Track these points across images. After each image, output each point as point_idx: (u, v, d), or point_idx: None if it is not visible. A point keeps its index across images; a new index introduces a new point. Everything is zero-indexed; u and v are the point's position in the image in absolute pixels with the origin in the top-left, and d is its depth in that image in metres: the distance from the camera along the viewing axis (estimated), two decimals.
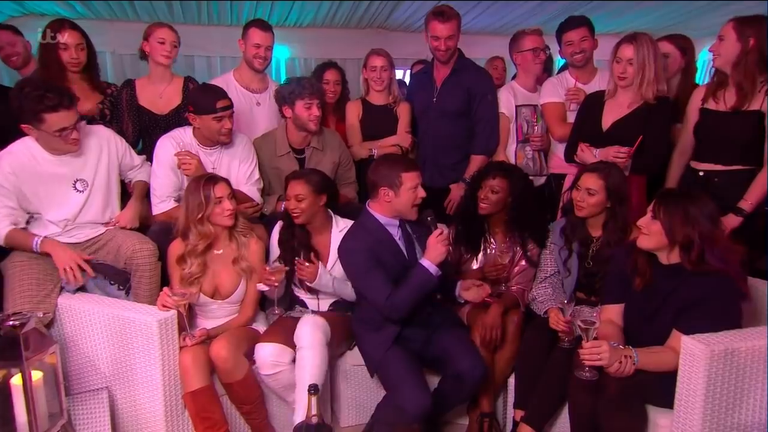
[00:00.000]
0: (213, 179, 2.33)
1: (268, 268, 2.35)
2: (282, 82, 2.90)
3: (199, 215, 2.29)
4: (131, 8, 4.48)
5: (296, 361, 2.23)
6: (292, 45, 4.95)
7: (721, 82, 2.47)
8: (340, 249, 2.37)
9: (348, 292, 2.47)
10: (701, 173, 2.50)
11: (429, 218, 2.26)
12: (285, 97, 2.76)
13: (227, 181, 2.38)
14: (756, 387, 1.85)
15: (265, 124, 3.06)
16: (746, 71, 2.35)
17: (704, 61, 3.99)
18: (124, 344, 2.20)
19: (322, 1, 4.20)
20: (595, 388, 1.98)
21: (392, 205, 2.27)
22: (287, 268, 2.42)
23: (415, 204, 2.25)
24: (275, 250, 2.55)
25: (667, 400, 1.93)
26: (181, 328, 2.24)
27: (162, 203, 2.64)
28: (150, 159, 2.72)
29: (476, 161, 3.04)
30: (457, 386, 2.24)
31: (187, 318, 2.30)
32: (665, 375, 1.91)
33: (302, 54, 5.18)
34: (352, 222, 2.48)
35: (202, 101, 2.57)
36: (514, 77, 3.47)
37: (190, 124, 2.67)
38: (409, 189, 2.23)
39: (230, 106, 2.61)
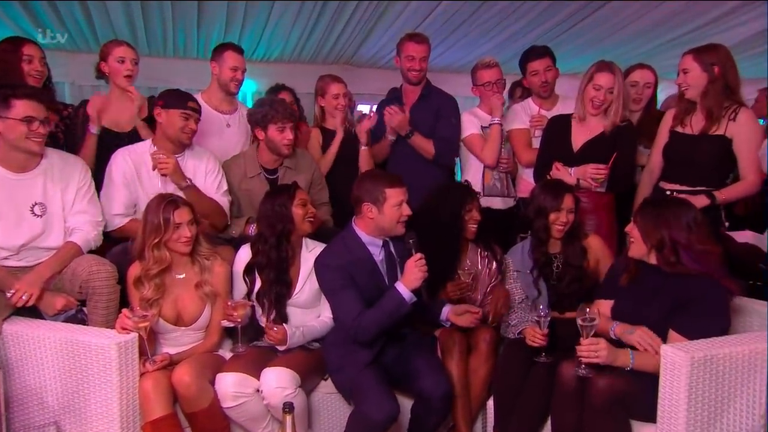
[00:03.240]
0: (174, 203, 2.23)
1: (230, 303, 2.24)
2: (254, 104, 2.88)
3: (156, 240, 2.19)
4: (93, 39, 4.43)
5: None
6: (260, 79, 4.95)
7: (688, 108, 2.58)
8: (316, 263, 2.32)
9: (317, 332, 2.39)
10: (668, 192, 2.58)
11: (411, 240, 2.20)
12: (258, 120, 2.73)
13: (190, 206, 2.29)
14: (740, 394, 1.85)
15: (236, 145, 3.02)
16: (714, 98, 2.46)
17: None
18: (77, 372, 2.03)
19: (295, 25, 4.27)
20: (579, 403, 1.95)
21: (375, 222, 2.24)
22: (251, 303, 2.32)
23: (400, 221, 2.22)
24: (239, 277, 2.43)
25: (651, 414, 1.91)
26: (142, 353, 2.09)
27: (115, 219, 2.54)
28: None
29: None
30: (425, 406, 2.18)
31: (149, 344, 2.16)
32: (649, 388, 1.90)
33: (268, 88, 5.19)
34: (323, 244, 2.43)
35: (173, 97, 2.58)
36: None
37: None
38: (393, 206, 2.20)
39: (198, 111, 2.62)
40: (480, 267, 2.62)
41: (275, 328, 2.26)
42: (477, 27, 4.37)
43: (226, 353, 2.35)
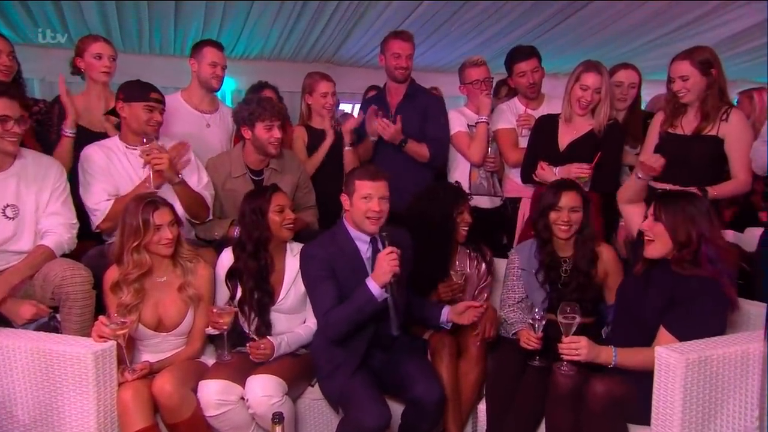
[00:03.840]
0: (154, 203, 2.13)
1: (215, 310, 2.16)
2: (240, 102, 2.80)
3: (135, 243, 2.09)
4: (66, 35, 4.28)
5: None
6: (239, 77, 4.85)
7: (677, 110, 2.58)
8: (302, 253, 2.28)
9: (303, 339, 2.33)
10: (659, 191, 2.57)
11: (383, 234, 2.13)
12: (245, 118, 2.65)
13: (171, 207, 2.20)
14: (734, 395, 1.84)
15: (216, 145, 2.95)
16: (712, 101, 2.47)
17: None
18: (50, 384, 1.91)
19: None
20: (573, 405, 1.93)
21: (351, 214, 2.19)
22: (236, 309, 2.24)
23: (367, 217, 2.14)
24: (221, 281, 2.35)
25: (647, 417, 1.88)
26: (120, 362, 1.99)
27: (101, 205, 2.43)
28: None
29: None
30: (417, 412, 2.13)
31: (128, 352, 2.06)
32: (645, 392, 1.88)
33: (249, 86, 5.09)
34: None
35: (134, 90, 2.48)
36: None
37: None
38: (360, 198, 2.13)
39: (162, 102, 2.53)
40: (469, 268, 2.59)
41: (262, 345, 2.17)
42: (458, 27, 4.36)
43: (209, 360, 2.26)
